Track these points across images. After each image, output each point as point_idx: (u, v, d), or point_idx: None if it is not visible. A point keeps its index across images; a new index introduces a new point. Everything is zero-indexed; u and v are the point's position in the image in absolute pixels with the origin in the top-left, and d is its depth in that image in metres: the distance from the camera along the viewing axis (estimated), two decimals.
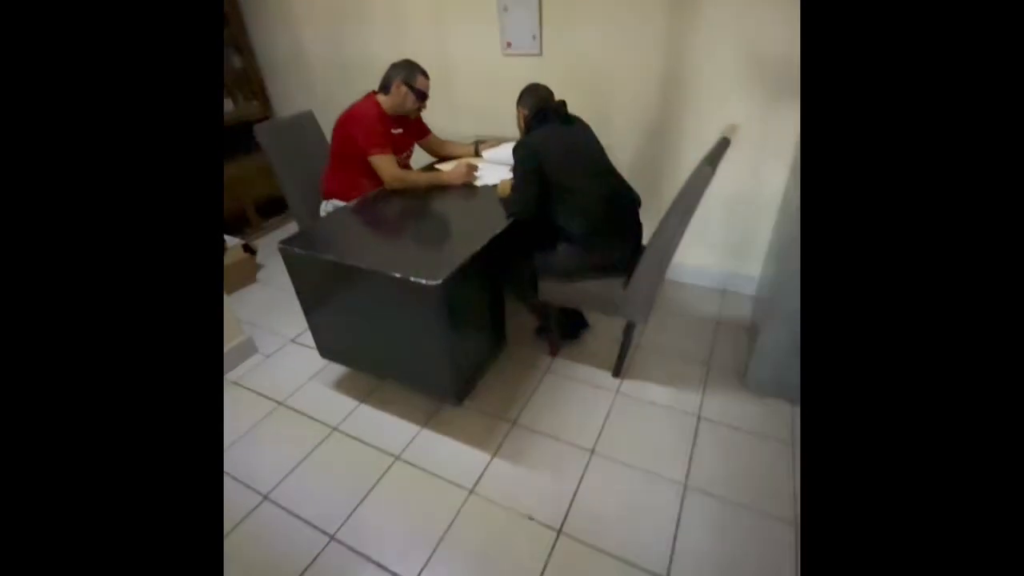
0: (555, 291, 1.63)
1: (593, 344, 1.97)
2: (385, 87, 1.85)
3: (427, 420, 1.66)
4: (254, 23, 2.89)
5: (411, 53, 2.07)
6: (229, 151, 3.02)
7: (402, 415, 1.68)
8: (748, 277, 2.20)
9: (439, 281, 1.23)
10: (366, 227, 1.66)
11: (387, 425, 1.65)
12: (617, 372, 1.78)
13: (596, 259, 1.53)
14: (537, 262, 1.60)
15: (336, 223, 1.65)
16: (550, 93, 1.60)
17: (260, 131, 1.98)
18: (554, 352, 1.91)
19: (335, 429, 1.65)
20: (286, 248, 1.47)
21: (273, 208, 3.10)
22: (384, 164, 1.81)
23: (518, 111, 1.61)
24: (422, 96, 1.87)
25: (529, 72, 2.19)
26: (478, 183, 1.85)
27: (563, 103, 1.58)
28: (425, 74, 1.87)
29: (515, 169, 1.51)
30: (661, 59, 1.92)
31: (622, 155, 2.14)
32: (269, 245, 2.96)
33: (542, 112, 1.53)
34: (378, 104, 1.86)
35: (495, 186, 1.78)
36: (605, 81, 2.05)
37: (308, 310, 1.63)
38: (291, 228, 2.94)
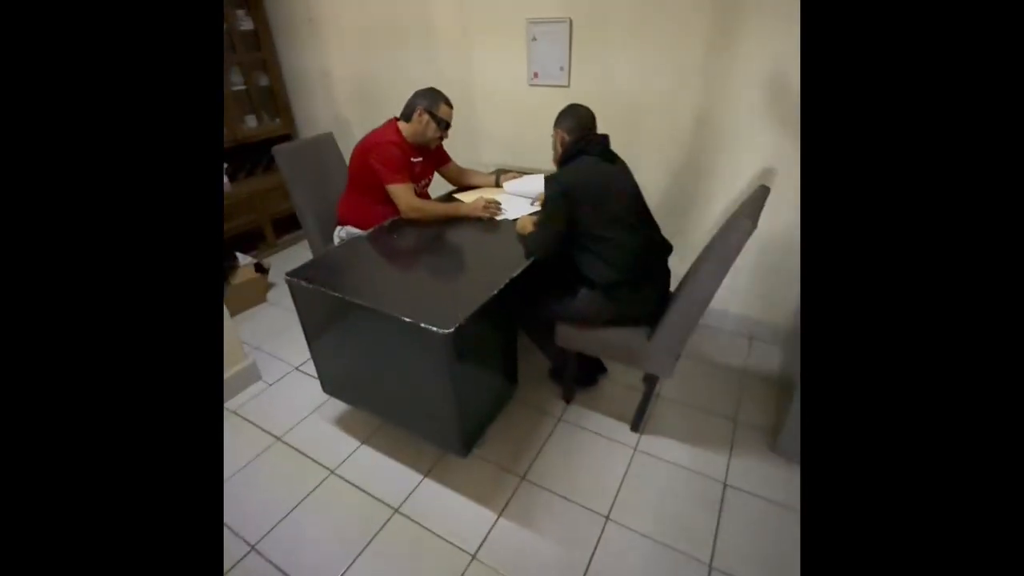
0: (573, 337, 1.53)
1: (610, 390, 1.85)
2: (407, 114, 1.80)
3: (430, 467, 1.55)
4: (283, 42, 2.91)
5: (436, 79, 2.03)
6: (250, 167, 3.02)
7: (404, 460, 1.58)
8: (776, 326, 2.07)
9: (450, 329, 1.14)
10: (378, 259, 1.59)
11: (388, 471, 1.55)
12: (636, 426, 1.66)
13: (619, 309, 1.43)
14: (555, 305, 1.51)
15: (347, 253, 1.58)
16: (592, 119, 1.46)
17: (279, 152, 1.95)
18: (568, 398, 1.79)
19: (333, 472, 1.55)
20: (293, 280, 1.40)
21: (291, 225, 3.08)
22: (402, 193, 1.75)
23: (556, 133, 1.48)
24: (444, 126, 1.82)
25: (556, 104, 2.13)
26: (498, 218, 1.78)
27: (606, 137, 1.45)
28: (449, 103, 1.81)
29: (544, 204, 1.41)
30: (693, 95, 1.84)
31: (649, 192, 2.05)
32: (283, 263, 2.93)
33: (583, 141, 1.40)
34: (399, 131, 1.81)
35: (515, 221, 1.70)
36: (633, 116, 1.97)
37: (312, 343, 1.56)
38: (305, 248, 2.90)
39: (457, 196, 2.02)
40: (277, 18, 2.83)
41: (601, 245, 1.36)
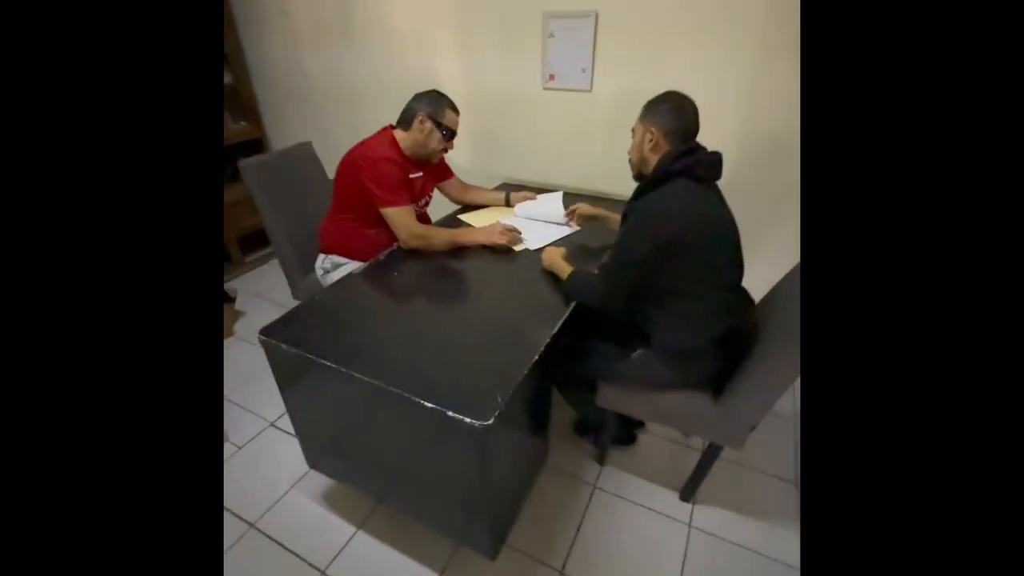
0: (620, 400, 1.26)
1: (649, 446, 1.59)
2: (406, 121, 1.50)
3: (446, 564, 1.26)
4: (250, 34, 2.53)
5: (435, 81, 1.74)
6: None
7: (413, 552, 1.28)
8: None
9: (489, 421, 0.85)
10: (377, 305, 1.28)
11: (394, 568, 1.25)
12: (687, 496, 1.40)
13: (686, 378, 1.16)
14: (599, 363, 1.23)
15: (337, 298, 1.26)
16: (696, 118, 1.08)
17: (247, 169, 1.61)
18: (603, 460, 1.53)
19: (323, 573, 1.24)
20: (269, 342, 1.08)
21: (260, 241, 2.70)
22: (401, 219, 1.44)
23: (643, 130, 1.09)
24: (450, 136, 1.52)
25: (574, 111, 1.86)
26: (517, 248, 1.49)
27: (719, 157, 1.05)
28: (455, 109, 1.52)
29: (621, 244, 1.09)
30: (744, 109, 1.60)
31: None
32: (251, 285, 2.56)
33: (690, 157, 1.03)
34: (395, 142, 1.50)
35: (538, 251, 1.42)
36: None
37: (295, 414, 1.24)
38: (277, 269, 2.54)
39: (463, 218, 1.72)
40: (243, 6, 2.46)
41: (687, 305, 1.07)
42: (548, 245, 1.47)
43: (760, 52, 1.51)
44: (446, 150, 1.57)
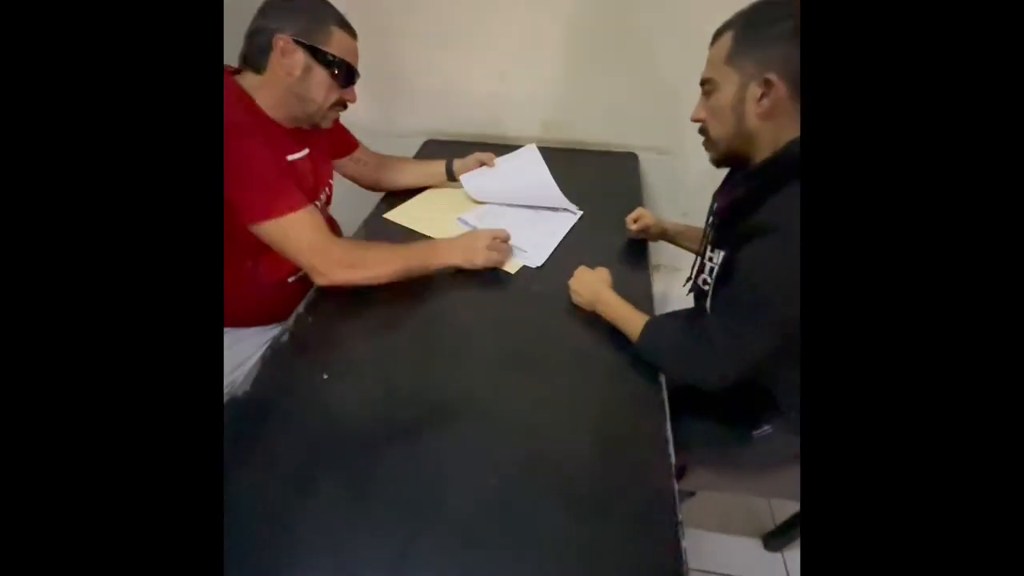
0: (721, 483, 0.85)
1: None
2: (255, 55, 0.77)
3: None
4: None
5: None
6: None
7: None
8: None
9: None
10: (312, 439, 0.63)
11: None
12: (777, 544, 1.09)
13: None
14: (696, 449, 0.77)
15: (241, 436, 0.59)
16: None
17: None
18: None
19: None
20: None
21: None
22: (304, 235, 0.77)
23: (741, 74, 0.61)
24: (346, 77, 0.82)
25: (538, 18, 1.21)
26: (510, 266, 0.90)
27: None
28: (346, 25, 0.81)
29: (755, 287, 0.60)
30: None
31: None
32: None
33: None
34: (245, 96, 0.78)
35: (540, 267, 0.86)
36: (684, 52, 1.17)
37: None
38: None
39: (395, 219, 1.05)
40: None
41: None
42: (553, 252, 0.92)
43: None
44: (344, 104, 0.86)
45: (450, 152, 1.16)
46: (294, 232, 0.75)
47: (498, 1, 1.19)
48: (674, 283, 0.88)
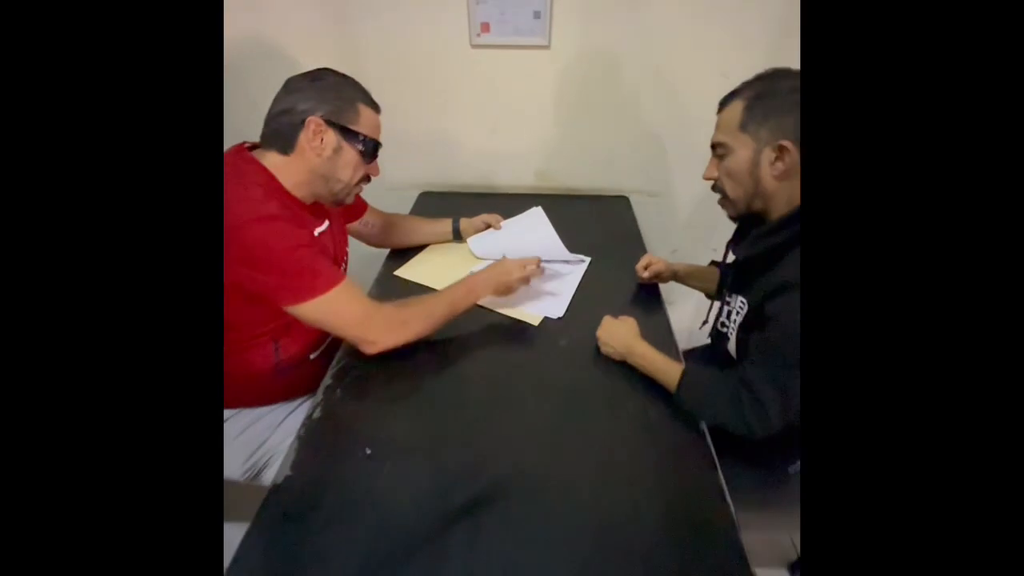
0: (759, 524, 0.87)
1: None
2: (282, 135, 0.77)
3: None
4: None
5: (274, 47, 0.98)
6: None
7: None
8: None
9: None
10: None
11: None
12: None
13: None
14: (736, 492, 0.80)
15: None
16: None
17: None
18: None
19: None
20: None
21: None
22: (351, 307, 0.76)
23: (755, 141, 0.67)
24: (371, 152, 0.83)
25: (526, 76, 1.27)
26: (533, 319, 0.92)
27: None
28: (371, 102, 0.83)
29: (794, 337, 0.62)
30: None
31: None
32: None
33: None
34: (272, 179, 0.77)
35: (557, 316, 0.89)
36: (668, 102, 1.26)
37: None
38: None
39: (405, 275, 1.06)
40: None
41: None
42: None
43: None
44: (368, 179, 0.87)
45: (447, 203, 1.18)
46: (339, 307, 0.74)
47: (486, 66, 1.24)
48: (671, 317, 0.93)
